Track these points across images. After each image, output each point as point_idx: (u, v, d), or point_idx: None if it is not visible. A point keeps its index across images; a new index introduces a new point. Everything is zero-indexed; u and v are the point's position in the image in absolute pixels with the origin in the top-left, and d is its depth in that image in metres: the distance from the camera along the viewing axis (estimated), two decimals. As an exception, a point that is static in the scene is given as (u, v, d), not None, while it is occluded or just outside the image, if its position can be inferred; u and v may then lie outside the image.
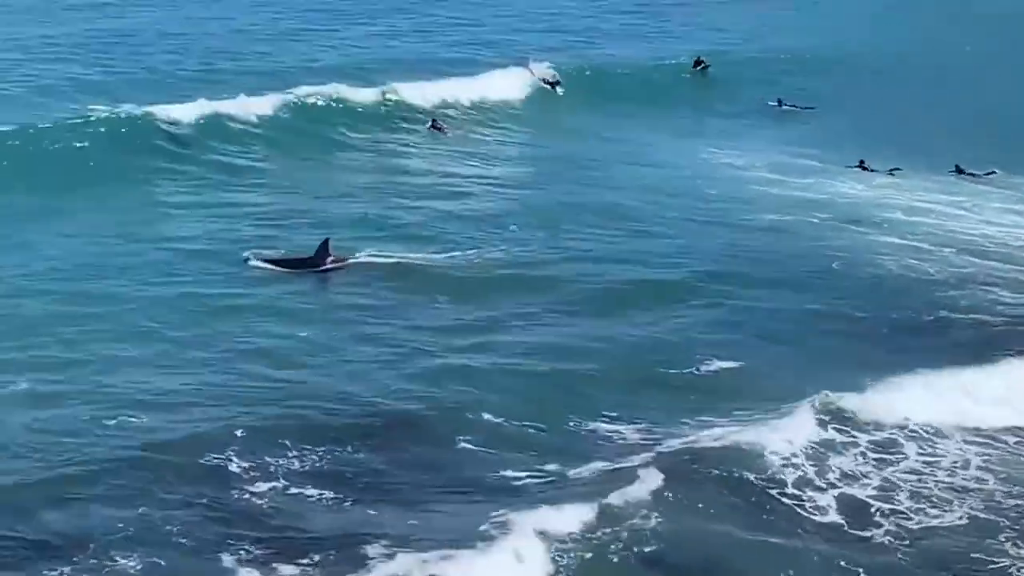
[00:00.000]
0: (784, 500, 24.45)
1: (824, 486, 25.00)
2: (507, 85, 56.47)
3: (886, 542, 23.48)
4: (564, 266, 35.56)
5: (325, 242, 33.80)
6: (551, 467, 24.99)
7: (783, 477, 25.03)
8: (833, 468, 25.64)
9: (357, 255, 34.53)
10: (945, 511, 24.54)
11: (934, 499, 24.91)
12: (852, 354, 30.88)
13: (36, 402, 26.45)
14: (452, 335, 30.65)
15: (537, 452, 25.54)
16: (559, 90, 57.32)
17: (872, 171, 47.99)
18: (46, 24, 63.37)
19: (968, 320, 33.50)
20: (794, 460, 25.59)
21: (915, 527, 23.98)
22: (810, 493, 24.72)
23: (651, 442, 26.03)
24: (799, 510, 24.21)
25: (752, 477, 24.88)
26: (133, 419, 25.87)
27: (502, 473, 24.77)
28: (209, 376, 28.04)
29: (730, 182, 45.72)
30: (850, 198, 44.62)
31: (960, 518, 24.37)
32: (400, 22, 69.54)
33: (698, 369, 29.54)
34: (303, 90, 51.62)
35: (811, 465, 25.56)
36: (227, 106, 48.83)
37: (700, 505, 23.79)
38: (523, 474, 24.72)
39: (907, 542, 23.50)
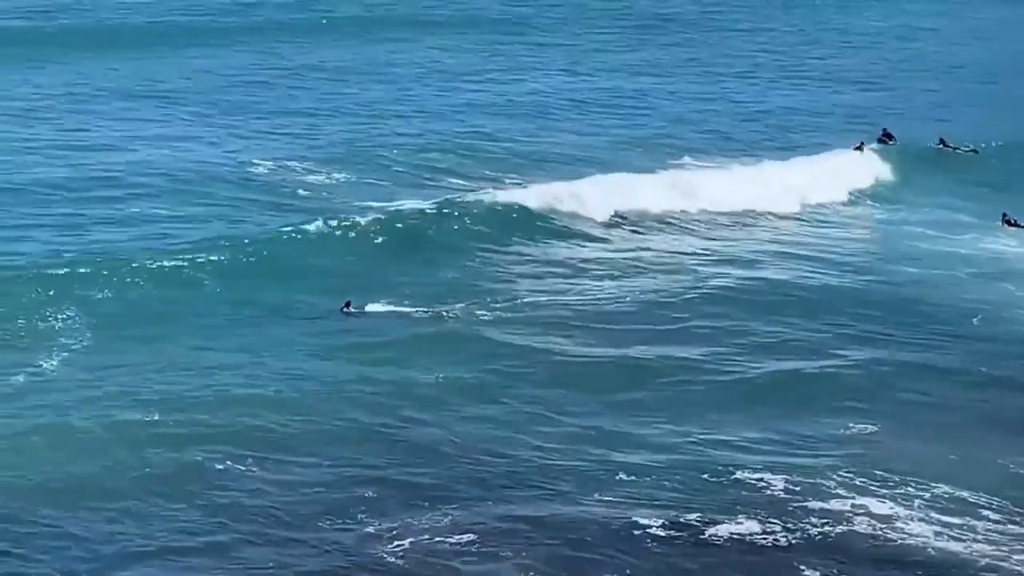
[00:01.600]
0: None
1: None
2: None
3: None
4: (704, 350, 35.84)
5: (347, 304, 37.49)
6: (691, 517, 26.61)
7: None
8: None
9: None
10: None
11: None
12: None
13: (169, 473, 27.78)
14: (590, 403, 31.97)
15: (675, 508, 26.90)
16: (892, 143, 58.45)
17: (1018, 226, 48.42)
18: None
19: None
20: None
21: None
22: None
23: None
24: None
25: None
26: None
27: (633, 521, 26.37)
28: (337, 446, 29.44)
29: (888, 241, 47.11)
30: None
31: None
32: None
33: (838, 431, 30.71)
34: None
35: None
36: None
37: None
38: (661, 533, 26.14)
39: None
